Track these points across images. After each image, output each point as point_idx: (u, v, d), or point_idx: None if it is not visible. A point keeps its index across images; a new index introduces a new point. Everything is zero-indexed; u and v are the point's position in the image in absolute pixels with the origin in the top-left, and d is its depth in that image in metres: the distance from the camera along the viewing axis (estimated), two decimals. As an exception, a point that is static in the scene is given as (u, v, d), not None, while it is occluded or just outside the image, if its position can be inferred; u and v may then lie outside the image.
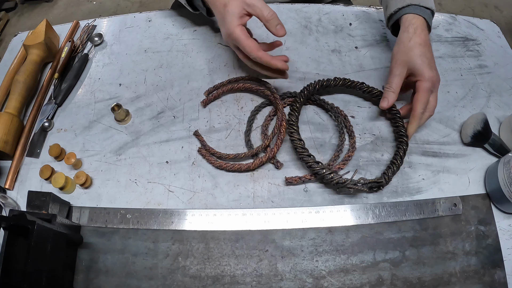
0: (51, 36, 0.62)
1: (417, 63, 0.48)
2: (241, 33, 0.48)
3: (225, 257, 0.44)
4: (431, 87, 0.48)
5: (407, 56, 0.49)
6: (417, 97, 0.48)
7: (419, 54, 0.48)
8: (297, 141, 0.48)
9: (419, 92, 0.48)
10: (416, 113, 0.48)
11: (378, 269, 0.44)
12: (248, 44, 0.48)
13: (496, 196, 0.47)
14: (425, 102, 0.48)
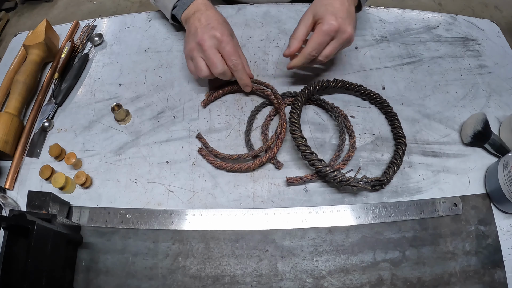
0: (51, 36, 0.62)
1: (321, 9, 0.48)
2: (231, 41, 0.49)
3: (225, 257, 0.44)
4: (330, 31, 0.47)
5: (314, 6, 0.50)
6: (312, 37, 0.48)
7: (326, 3, 0.49)
8: (300, 138, 0.48)
9: (315, 32, 0.48)
10: (305, 51, 0.48)
11: (378, 269, 0.44)
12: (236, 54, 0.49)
13: (496, 196, 0.47)
14: (318, 43, 0.48)
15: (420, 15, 0.68)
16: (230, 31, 0.52)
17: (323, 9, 0.48)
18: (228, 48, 0.49)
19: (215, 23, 0.50)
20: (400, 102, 0.56)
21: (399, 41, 0.63)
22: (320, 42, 0.48)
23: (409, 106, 0.56)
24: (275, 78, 0.58)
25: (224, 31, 0.49)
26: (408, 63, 0.61)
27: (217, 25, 0.50)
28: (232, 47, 0.49)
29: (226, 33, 0.49)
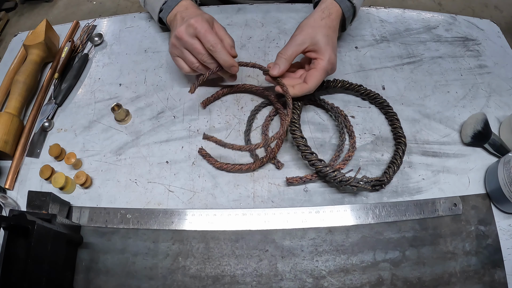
0: (51, 36, 0.62)
1: (322, 41, 0.48)
2: (205, 23, 0.48)
3: (225, 257, 0.44)
4: (328, 69, 0.48)
5: (314, 31, 0.48)
6: (314, 74, 0.48)
7: (326, 34, 0.48)
8: (300, 138, 0.48)
9: (317, 69, 0.48)
10: (306, 87, 0.48)
11: (378, 269, 0.44)
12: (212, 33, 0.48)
13: (496, 196, 0.47)
14: (319, 80, 0.48)
15: (420, 15, 0.68)
16: (207, 18, 0.50)
17: (325, 41, 0.48)
18: (203, 31, 0.47)
19: (192, 15, 0.49)
20: (400, 102, 0.56)
21: (399, 41, 0.63)
22: (321, 79, 0.48)
23: (409, 106, 0.56)
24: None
25: (198, 18, 0.48)
26: (408, 63, 0.61)
27: (193, 16, 0.49)
28: (206, 28, 0.47)
29: (199, 19, 0.48)
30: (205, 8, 0.67)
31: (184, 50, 0.50)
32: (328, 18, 0.50)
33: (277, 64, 0.49)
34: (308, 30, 0.49)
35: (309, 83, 0.48)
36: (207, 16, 0.51)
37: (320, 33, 0.48)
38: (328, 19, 0.50)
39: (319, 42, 0.48)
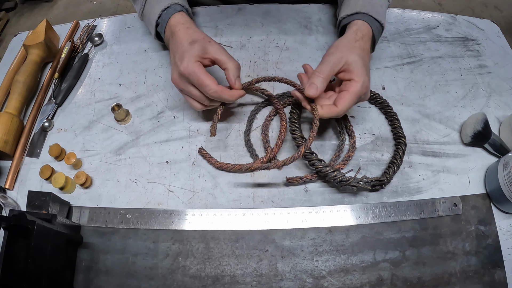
0: (51, 36, 0.62)
1: (358, 62, 0.45)
2: (200, 68, 0.45)
3: (225, 257, 0.44)
4: (362, 93, 0.45)
5: (349, 51, 0.46)
6: (346, 96, 0.44)
7: (361, 56, 0.46)
8: (299, 139, 0.48)
9: (350, 92, 0.44)
10: (336, 110, 0.44)
11: (378, 269, 0.44)
12: (206, 78, 0.44)
13: (496, 196, 0.47)
14: (350, 104, 0.44)
15: (420, 15, 0.68)
16: (198, 52, 0.46)
17: (360, 64, 0.45)
18: (195, 79, 0.44)
19: (180, 52, 0.46)
20: (400, 102, 0.56)
21: (399, 41, 0.63)
22: (353, 103, 0.45)
23: (409, 106, 0.56)
24: (275, 78, 0.58)
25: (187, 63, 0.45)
26: (408, 63, 0.61)
27: (181, 55, 0.46)
28: (198, 76, 0.44)
29: (189, 65, 0.44)
30: (205, 8, 0.67)
31: (186, 94, 0.48)
32: (361, 40, 0.48)
33: (314, 83, 0.44)
34: (343, 50, 0.46)
35: (339, 106, 0.44)
36: (197, 48, 0.46)
37: (355, 54, 0.46)
38: (361, 41, 0.48)
39: (354, 63, 0.45)
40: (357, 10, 0.52)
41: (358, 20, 0.51)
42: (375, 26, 0.51)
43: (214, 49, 0.46)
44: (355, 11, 0.52)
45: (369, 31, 0.50)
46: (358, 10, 0.51)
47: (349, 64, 0.45)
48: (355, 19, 0.51)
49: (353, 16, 0.52)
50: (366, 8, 0.51)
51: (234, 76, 0.46)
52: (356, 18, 0.51)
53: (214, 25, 0.64)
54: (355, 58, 0.45)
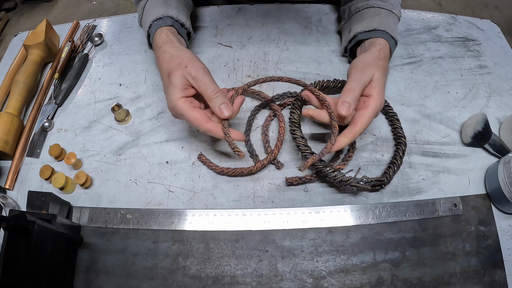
0: (51, 36, 0.62)
1: (381, 80, 0.45)
2: (184, 106, 0.42)
3: (225, 257, 0.44)
4: (379, 110, 0.45)
5: (375, 69, 0.45)
6: (365, 114, 0.43)
7: (384, 74, 0.46)
8: (300, 139, 0.48)
9: (368, 109, 0.43)
10: (357, 129, 0.43)
11: (378, 270, 0.44)
12: (194, 117, 0.42)
13: (496, 197, 0.47)
14: (369, 121, 0.44)
15: (420, 15, 0.68)
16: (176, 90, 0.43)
17: (382, 82, 0.45)
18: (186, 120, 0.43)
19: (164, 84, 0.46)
20: (400, 103, 0.56)
21: (399, 41, 0.63)
22: (370, 121, 0.44)
23: (409, 107, 0.56)
24: (275, 78, 0.58)
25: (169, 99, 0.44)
26: (408, 63, 0.61)
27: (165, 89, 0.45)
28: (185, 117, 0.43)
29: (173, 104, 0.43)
30: (205, 8, 0.67)
31: None
32: (384, 60, 0.48)
33: (346, 102, 0.42)
34: (371, 67, 0.46)
35: (358, 124, 0.43)
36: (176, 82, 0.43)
37: (379, 73, 0.45)
38: (384, 60, 0.48)
39: (378, 81, 0.45)
40: (374, 27, 0.51)
41: (380, 38, 0.50)
42: (392, 43, 0.51)
43: (193, 75, 0.43)
44: (373, 28, 0.51)
45: (388, 49, 0.50)
46: (376, 27, 0.51)
47: (373, 81, 0.45)
48: (375, 37, 0.51)
49: (371, 33, 0.51)
50: (383, 25, 0.51)
51: (217, 105, 0.43)
52: (375, 35, 0.51)
53: (214, 25, 0.64)
54: (379, 76, 0.45)
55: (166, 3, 0.52)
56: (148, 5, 0.53)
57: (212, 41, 0.62)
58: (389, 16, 0.53)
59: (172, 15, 0.51)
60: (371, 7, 0.54)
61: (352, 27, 0.55)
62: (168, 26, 0.50)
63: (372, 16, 0.53)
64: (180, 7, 0.54)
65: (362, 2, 0.55)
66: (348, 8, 0.58)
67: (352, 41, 0.55)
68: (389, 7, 0.53)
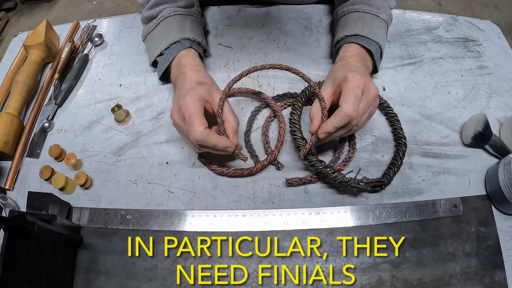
0: (51, 36, 0.62)
1: (339, 73, 0.45)
2: (197, 107, 0.43)
3: (225, 257, 0.44)
4: (357, 87, 0.42)
5: (331, 74, 0.47)
6: (343, 98, 0.42)
7: (342, 66, 0.47)
8: (300, 139, 0.47)
9: (344, 91, 0.42)
10: (341, 113, 0.41)
11: (378, 270, 0.43)
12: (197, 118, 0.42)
13: (496, 197, 0.47)
14: (353, 102, 0.41)
15: (421, 16, 0.68)
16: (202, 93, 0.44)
17: (344, 70, 0.44)
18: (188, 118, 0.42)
19: (185, 89, 0.46)
20: (401, 103, 0.56)
21: (400, 42, 0.63)
22: (353, 101, 0.41)
23: (409, 107, 0.56)
24: (275, 78, 0.58)
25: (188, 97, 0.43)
26: (408, 64, 0.60)
27: (186, 92, 0.45)
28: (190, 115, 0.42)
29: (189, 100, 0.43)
30: (206, 9, 0.67)
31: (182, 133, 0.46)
32: (344, 60, 0.49)
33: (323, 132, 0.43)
34: (331, 74, 0.47)
35: (343, 108, 0.41)
36: (204, 91, 0.44)
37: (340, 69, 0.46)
38: (344, 61, 0.49)
39: (338, 74, 0.45)
40: (356, 32, 0.51)
41: (353, 44, 0.51)
42: (374, 47, 0.51)
43: (219, 97, 0.45)
44: (354, 33, 0.51)
45: (362, 52, 0.50)
46: (358, 32, 0.51)
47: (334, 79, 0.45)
48: (354, 42, 0.51)
49: (352, 38, 0.51)
50: (365, 31, 0.51)
51: (233, 129, 0.45)
52: (355, 41, 0.51)
53: (215, 26, 0.64)
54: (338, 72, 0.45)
55: (182, 24, 0.53)
56: (163, 25, 0.53)
57: (212, 42, 0.62)
58: (374, 21, 0.52)
59: (189, 37, 0.52)
60: (355, 11, 0.54)
61: (337, 31, 0.56)
62: (188, 48, 0.51)
63: (356, 21, 0.53)
64: (194, 25, 0.54)
65: (347, 7, 0.55)
66: (336, 13, 0.58)
67: (336, 46, 0.55)
68: (375, 11, 0.53)
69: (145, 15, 0.55)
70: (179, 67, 0.50)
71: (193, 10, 0.56)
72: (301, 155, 0.45)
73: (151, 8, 0.54)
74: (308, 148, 0.45)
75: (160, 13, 0.53)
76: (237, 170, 0.48)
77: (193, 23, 0.55)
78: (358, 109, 0.42)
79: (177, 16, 0.53)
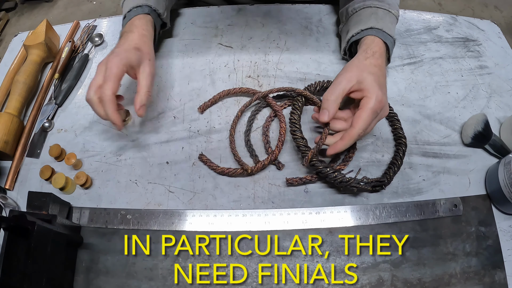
0: (51, 36, 0.62)
1: (368, 78, 0.44)
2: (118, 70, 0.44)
3: (225, 257, 0.44)
4: (377, 108, 0.43)
5: (359, 70, 0.45)
6: (361, 115, 0.43)
7: (372, 72, 0.45)
8: (300, 139, 0.47)
9: (364, 109, 0.43)
10: (354, 131, 0.43)
11: (378, 270, 0.43)
12: (114, 81, 0.44)
13: (496, 197, 0.47)
14: (367, 121, 0.43)
15: (421, 16, 0.68)
16: (129, 59, 0.45)
17: (371, 79, 0.44)
18: (108, 75, 0.44)
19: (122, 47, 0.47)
20: (401, 103, 0.56)
21: (400, 41, 0.63)
22: (368, 120, 0.43)
23: (409, 107, 0.56)
24: (275, 78, 0.58)
25: (116, 57, 0.45)
26: (408, 64, 0.60)
27: (119, 50, 0.46)
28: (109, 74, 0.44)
29: (115, 61, 0.44)
30: (205, 9, 0.67)
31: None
32: (372, 57, 0.48)
33: (325, 109, 0.44)
34: (352, 70, 0.46)
35: (356, 125, 0.42)
36: (135, 56, 0.46)
37: (366, 71, 0.45)
38: (372, 58, 0.48)
39: (365, 80, 0.44)
40: (370, 25, 0.51)
41: (368, 36, 0.51)
42: (390, 41, 0.51)
43: (144, 69, 0.47)
44: (369, 26, 0.51)
45: (381, 47, 0.50)
46: (372, 25, 0.51)
47: (360, 82, 0.44)
48: (369, 35, 0.51)
49: (366, 31, 0.51)
50: (380, 24, 0.51)
51: (140, 102, 0.45)
52: (370, 33, 0.51)
53: (215, 26, 0.64)
54: (365, 76, 0.44)
55: None
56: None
57: (212, 42, 0.62)
58: (386, 16, 0.53)
59: (151, 4, 0.53)
60: (368, 7, 0.54)
61: (350, 28, 0.55)
62: (146, 14, 0.52)
63: (369, 15, 0.53)
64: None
65: (359, 3, 0.55)
66: (346, 10, 0.58)
67: (350, 41, 0.54)
68: (386, 7, 0.53)
69: None
70: (129, 26, 0.51)
71: None
72: (304, 163, 0.46)
73: None
74: (311, 156, 0.45)
75: None
76: (237, 169, 0.48)
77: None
78: (368, 128, 0.44)
79: None
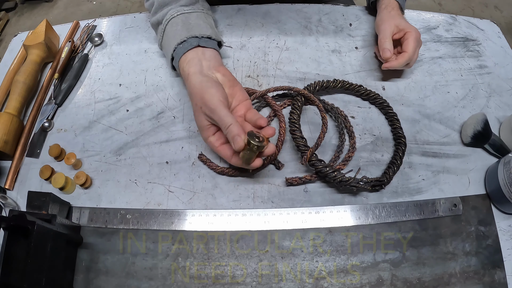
0: (51, 36, 0.62)
1: (402, 21, 0.57)
2: (212, 145, 0.46)
3: (225, 257, 0.44)
4: (418, 37, 0.55)
5: (391, 19, 0.57)
6: (408, 42, 0.54)
7: (401, 18, 0.58)
8: (299, 139, 0.48)
9: (409, 39, 0.54)
10: (406, 54, 0.53)
11: (378, 270, 0.44)
12: (221, 154, 0.46)
13: (496, 197, 0.47)
14: (414, 46, 0.53)
15: (420, 15, 0.68)
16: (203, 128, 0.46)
17: (404, 21, 0.57)
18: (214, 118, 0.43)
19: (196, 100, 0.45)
20: (400, 103, 0.56)
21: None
22: (415, 46, 0.54)
23: (409, 107, 0.56)
24: (275, 78, 0.58)
25: (202, 136, 0.47)
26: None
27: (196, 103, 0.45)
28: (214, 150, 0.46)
29: (204, 139, 0.47)
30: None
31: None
32: (393, 11, 0.59)
33: (384, 48, 0.54)
34: (387, 20, 0.57)
35: (407, 49, 0.53)
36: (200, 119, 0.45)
37: (397, 18, 0.57)
38: (393, 11, 0.59)
39: (400, 23, 0.56)
40: None
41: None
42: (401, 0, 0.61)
43: (209, 115, 0.44)
44: None
45: (396, 4, 0.60)
46: None
47: (397, 25, 0.56)
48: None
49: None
50: None
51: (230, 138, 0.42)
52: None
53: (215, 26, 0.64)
54: (399, 20, 0.57)
55: (186, 22, 0.51)
56: (169, 28, 0.52)
57: (212, 41, 0.62)
58: None
59: (195, 34, 0.50)
60: None
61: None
62: (194, 48, 0.49)
63: None
64: (200, 20, 0.52)
65: None
66: None
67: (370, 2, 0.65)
68: None
69: (152, 21, 0.56)
70: (184, 78, 0.49)
71: (196, 6, 0.55)
72: (303, 162, 0.46)
73: (156, 13, 0.54)
74: (310, 155, 0.46)
75: (165, 17, 0.53)
76: (237, 169, 0.48)
77: (199, 19, 0.53)
78: (414, 54, 0.54)
79: (181, 16, 0.52)
